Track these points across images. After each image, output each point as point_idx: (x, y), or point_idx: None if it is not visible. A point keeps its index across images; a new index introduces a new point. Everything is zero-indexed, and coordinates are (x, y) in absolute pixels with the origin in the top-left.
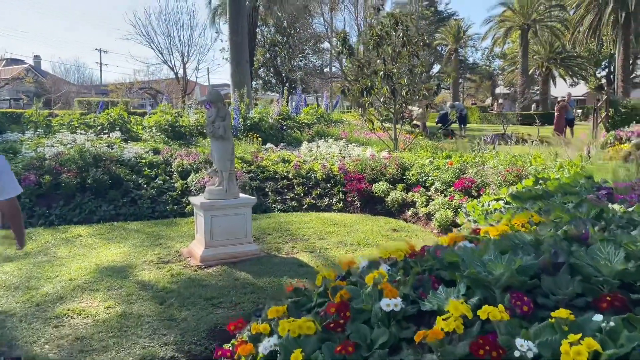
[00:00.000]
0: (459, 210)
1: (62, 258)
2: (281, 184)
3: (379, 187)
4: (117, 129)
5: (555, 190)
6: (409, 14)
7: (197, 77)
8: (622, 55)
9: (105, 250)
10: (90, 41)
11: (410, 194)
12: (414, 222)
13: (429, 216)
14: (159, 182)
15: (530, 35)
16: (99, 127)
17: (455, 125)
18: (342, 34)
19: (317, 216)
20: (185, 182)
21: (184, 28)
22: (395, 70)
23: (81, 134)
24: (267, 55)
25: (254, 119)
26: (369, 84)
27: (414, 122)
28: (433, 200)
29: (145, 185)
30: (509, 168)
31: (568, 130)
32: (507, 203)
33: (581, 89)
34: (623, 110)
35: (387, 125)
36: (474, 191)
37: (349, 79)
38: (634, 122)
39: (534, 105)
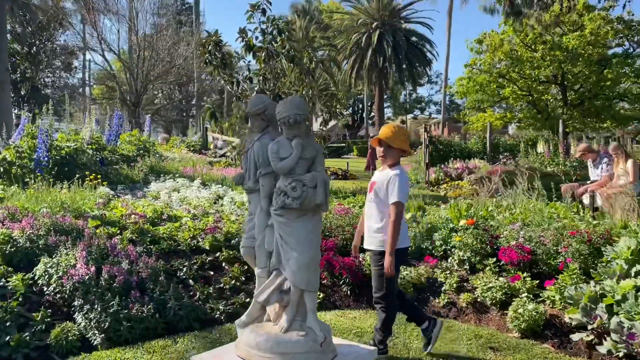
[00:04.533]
0: (531, 297)
1: None
2: (198, 261)
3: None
4: None
5: None
6: (291, 22)
7: None
8: (378, 96)
9: None
10: None
11: (422, 269)
12: (455, 318)
13: (479, 307)
14: None
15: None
16: None
17: None
18: (215, 37)
19: None
20: (31, 275)
21: None
22: (292, 91)
23: None
24: None
25: (65, 149)
26: None
27: (220, 151)
28: (464, 279)
29: None
30: (574, 230)
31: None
32: None
33: (331, 125)
34: (440, 146)
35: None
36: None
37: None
38: (451, 158)
39: None
